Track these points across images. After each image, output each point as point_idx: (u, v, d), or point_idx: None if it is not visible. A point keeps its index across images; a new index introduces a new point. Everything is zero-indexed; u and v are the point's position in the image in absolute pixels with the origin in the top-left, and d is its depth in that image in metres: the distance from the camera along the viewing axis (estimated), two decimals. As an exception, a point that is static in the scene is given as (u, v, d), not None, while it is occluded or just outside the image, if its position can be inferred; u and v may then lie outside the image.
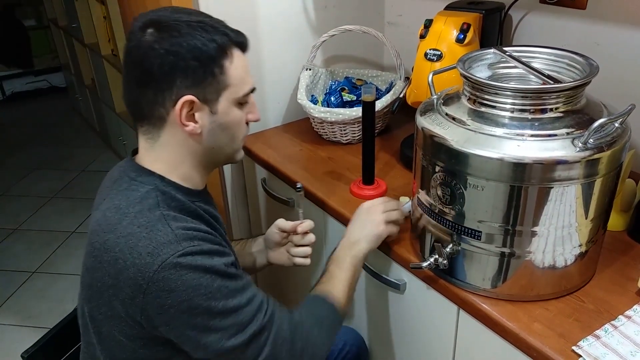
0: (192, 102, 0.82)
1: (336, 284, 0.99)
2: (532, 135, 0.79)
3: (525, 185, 0.79)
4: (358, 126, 1.46)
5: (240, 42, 0.86)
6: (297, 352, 0.88)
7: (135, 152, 0.93)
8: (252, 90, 0.90)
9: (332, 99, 1.59)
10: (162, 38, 0.80)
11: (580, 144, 0.77)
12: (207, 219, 0.90)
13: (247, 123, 0.93)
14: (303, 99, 1.50)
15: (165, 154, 0.87)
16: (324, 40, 1.55)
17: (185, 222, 0.83)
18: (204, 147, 0.88)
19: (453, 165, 0.84)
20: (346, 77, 1.69)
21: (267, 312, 0.86)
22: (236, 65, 0.85)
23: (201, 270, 0.79)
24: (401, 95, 1.39)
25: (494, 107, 0.83)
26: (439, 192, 0.88)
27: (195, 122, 0.84)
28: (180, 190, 0.88)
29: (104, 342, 0.88)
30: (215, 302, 0.79)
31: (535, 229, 0.83)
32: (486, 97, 0.84)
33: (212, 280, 0.79)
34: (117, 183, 0.88)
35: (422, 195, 0.94)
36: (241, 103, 0.89)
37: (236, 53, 0.85)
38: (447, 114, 0.88)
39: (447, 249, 0.91)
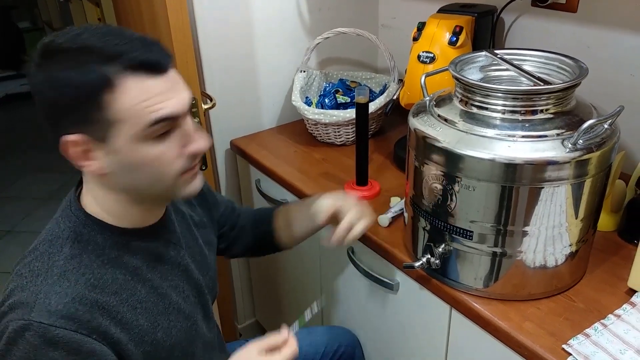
0: (76, 142, 0.71)
1: None
2: (522, 136, 0.80)
3: (516, 185, 0.80)
4: (352, 128, 1.47)
5: (140, 64, 0.69)
6: None
7: None
8: (162, 119, 0.71)
9: (326, 100, 1.60)
10: (43, 70, 0.68)
11: (570, 145, 0.78)
12: (134, 266, 0.80)
13: (193, 156, 0.77)
14: (297, 100, 1.50)
15: (94, 189, 0.78)
16: (318, 43, 1.55)
17: (74, 284, 0.73)
18: (125, 187, 0.77)
19: (445, 166, 0.85)
20: (340, 79, 1.70)
21: None
22: (129, 95, 0.68)
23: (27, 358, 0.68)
24: (394, 97, 1.40)
25: (485, 108, 0.85)
26: (431, 193, 0.89)
27: (94, 160, 0.73)
28: (106, 230, 0.78)
29: None
30: None
31: (526, 228, 0.84)
32: (478, 98, 0.85)
33: None
34: (59, 208, 0.82)
35: (415, 196, 0.95)
36: (159, 136, 0.72)
37: (130, 80, 0.68)
38: (439, 116, 0.89)
39: (440, 249, 0.91)
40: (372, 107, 1.43)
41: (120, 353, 0.75)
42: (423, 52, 1.23)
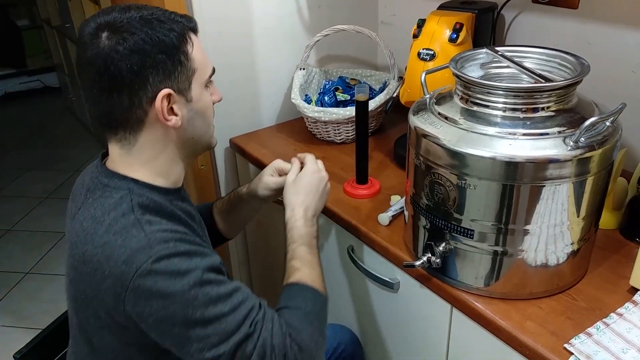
0: (169, 95, 0.82)
1: (313, 269, 0.93)
2: (524, 134, 0.79)
3: (518, 183, 0.79)
4: (352, 126, 1.47)
5: (193, 26, 0.86)
6: (291, 358, 0.82)
7: (104, 154, 0.91)
8: (213, 70, 0.90)
9: (326, 98, 1.60)
10: (123, 39, 0.77)
11: (571, 143, 0.77)
12: (184, 219, 0.88)
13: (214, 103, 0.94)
14: (297, 98, 1.50)
15: (143, 156, 0.86)
16: (318, 40, 1.55)
17: (160, 224, 0.81)
18: (184, 140, 0.88)
19: (445, 164, 0.84)
20: (340, 77, 1.69)
21: (255, 319, 0.81)
22: (196, 48, 0.85)
23: (176, 275, 0.76)
24: (394, 95, 1.39)
25: (486, 106, 0.84)
26: (432, 191, 0.88)
27: (175, 114, 0.84)
28: (155, 190, 0.86)
29: (97, 353, 0.87)
30: (193, 310, 0.76)
31: (528, 227, 0.83)
32: (478, 96, 0.84)
33: (188, 287, 0.76)
34: (90, 191, 0.86)
35: (415, 194, 0.94)
36: (207, 85, 0.89)
37: (193, 37, 0.85)
38: (439, 113, 0.88)
39: (440, 248, 0.91)
40: (372, 104, 1.42)
41: None
42: (423, 49, 1.22)
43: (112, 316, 0.80)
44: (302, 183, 1.03)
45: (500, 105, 0.82)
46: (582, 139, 0.77)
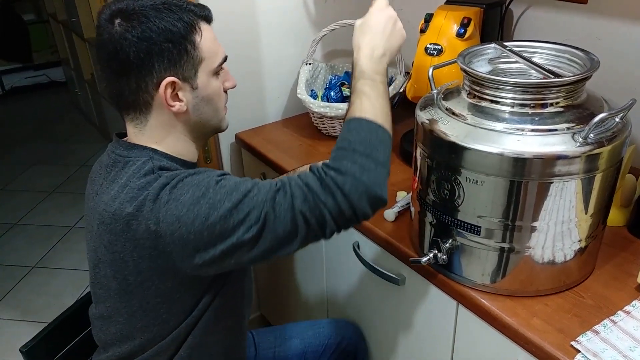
0: (173, 83, 0.85)
1: (368, 100, 0.87)
2: (532, 130, 0.79)
3: (525, 180, 0.79)
4: (358, 121, 1.46)
5: (206, 15, 0.89)
6: (329, 182, 0.80)
7: (119, 135, 0.95)
8: (225, 58, 0.93)
9: (332, 93, 1.59)
10: (132, 26, 0.81)
11: (580, 139, 0.76)
12: None
13: (225, 92, 0.96)
14: (303, 93, 1.49)
15: (155, 135, 0.90)
16: (324, 35, 1.54)
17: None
18: (192, 123, 0.92)
19: (453, 160, 0.83)
20: (346, 72, 1.68)
21: (280, 180, 0.84)
22: (206, 38, 0.87)
23: (192, 187, 0.81)
24: (401, 90, 1.38)
25: (494, 101, 0.83)
26: (439, 187, 0.88)
27: (180, 100, 0.87)
28: (174, 160, 0.90)
29: (136, 316, 0.89)
30: (220, 204, 0.79)
31: (535, 224, 0.82)
32: (486, 91, 0.84)
33: (206, 190, 0.81)
34: (111, 166, 0.90)
35: (422, 190, 0.94)
36: (217, 73, 0.92)
37: (204, 27, 0.88)
38: (447, 109, 0.88)
39: (447, 244, 0.90)
40: (378, 100, 1.41)
41: None
42: (430, 44, 1.22)
43: (154, 261, 0.83)
44: (368, 23, 0.95)
45: (508, 101, 0.82)
46: (591, 135, 0.77)
